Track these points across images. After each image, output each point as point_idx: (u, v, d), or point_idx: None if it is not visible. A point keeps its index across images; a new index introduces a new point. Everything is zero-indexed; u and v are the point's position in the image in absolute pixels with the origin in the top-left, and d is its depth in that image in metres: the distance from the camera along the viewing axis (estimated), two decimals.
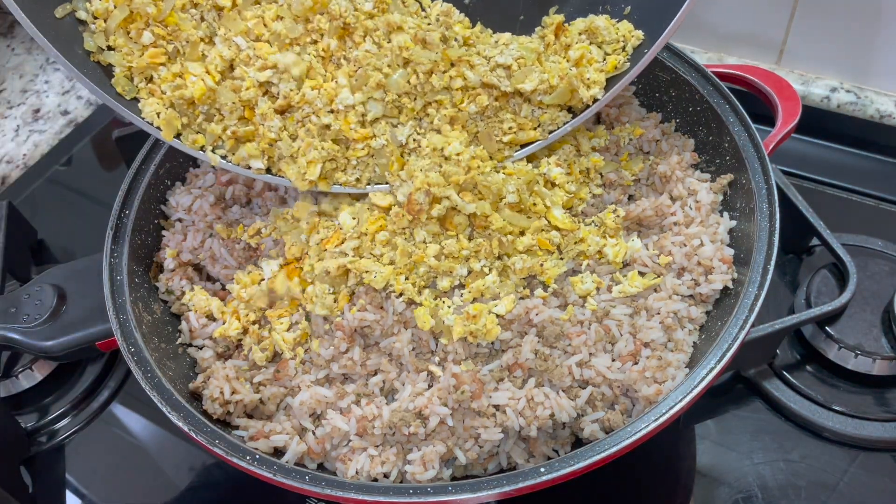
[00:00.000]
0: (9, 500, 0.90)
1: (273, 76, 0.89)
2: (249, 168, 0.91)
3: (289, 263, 0.92)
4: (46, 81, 1.57)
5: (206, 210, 1.00)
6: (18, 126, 1.50)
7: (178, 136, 0.91)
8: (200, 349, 0.94)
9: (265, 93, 0.90)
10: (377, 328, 0.87)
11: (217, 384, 0.87)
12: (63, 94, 1.55)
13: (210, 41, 0.91)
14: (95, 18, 0.89)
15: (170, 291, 0.98)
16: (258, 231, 0.95)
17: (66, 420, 1.07)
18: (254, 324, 0.91)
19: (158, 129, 0.90)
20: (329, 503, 0.83)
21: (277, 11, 0.90)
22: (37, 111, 1.52)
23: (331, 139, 0.90)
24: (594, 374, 0.84)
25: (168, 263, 0.98)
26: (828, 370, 1.00)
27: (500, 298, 0.86)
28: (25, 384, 1.08)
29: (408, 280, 0.86)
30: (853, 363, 0.98)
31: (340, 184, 0.91)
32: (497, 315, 0.85)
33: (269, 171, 0.92)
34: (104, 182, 1.41)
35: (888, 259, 1.05)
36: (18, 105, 1.54)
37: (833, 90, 1.30)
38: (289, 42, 0.90)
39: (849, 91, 1.29)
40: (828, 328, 0.99)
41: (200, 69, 0.89)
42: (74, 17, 0.88)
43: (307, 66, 0.89)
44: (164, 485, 1.01)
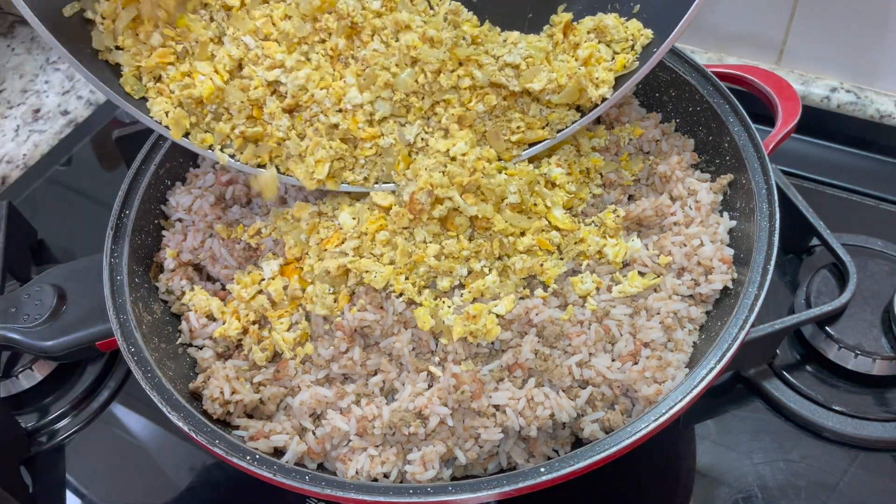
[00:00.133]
0: (9, 500, 0.90)
1: (281, 75, 0.88)
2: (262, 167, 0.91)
3: (289, 263, 0.92)
4: (46, 81, 1.57)
5: (206, 210, 1.00)
6: (18, 126, 1.50)
7: (187, 136, 0.91)
8: (200, 349, 0.94)
9: (273, 92, 0.90)
10: (377, 328, 0.87)
11: (217, 384, 0.87)
12: (63, 94, 1.55)
13: (219, 41, 0.90)
14: (103, 19, 0.89)
15: (170, 291, 0.98)
16: (258, 231, 0.95)
17: (66, 420, 1.07)
18: (254, 324, 0.91)
19: (167, 129, 0.90)
20: (329, 503, 0.83)
21: (286, 10, 0.89)
22: (37, 111, 1.52)
23: (339, 138, 0.90)
24: (594, 374, 0.84)
25: (168, 263, 0.98)
26: (828, 370, 1.00)
27: (500, 298, 0.86)
28: (25, 384, 1.08)
29: (408, 280, 0.86)
30: (853, 363, 0.98)
31: (348, 182, 0.91)
32: (497, 315, 0.85)
33: (277, 171, 0.92)
34: (104, 182, 1.41)
35: (888, 259, 1.05)
36: (18, 105, 1.53)
37: (833, 90, 1.30)
38: (297, 41, 0.89)
39: (849, 91, 1.29)
40: (828, 328, 0.99)
41: (209, 69, 0.89)
42: (82, 16, 0.88)
43: (315, 66, 0.89)
44: (164, 485, 1.01)
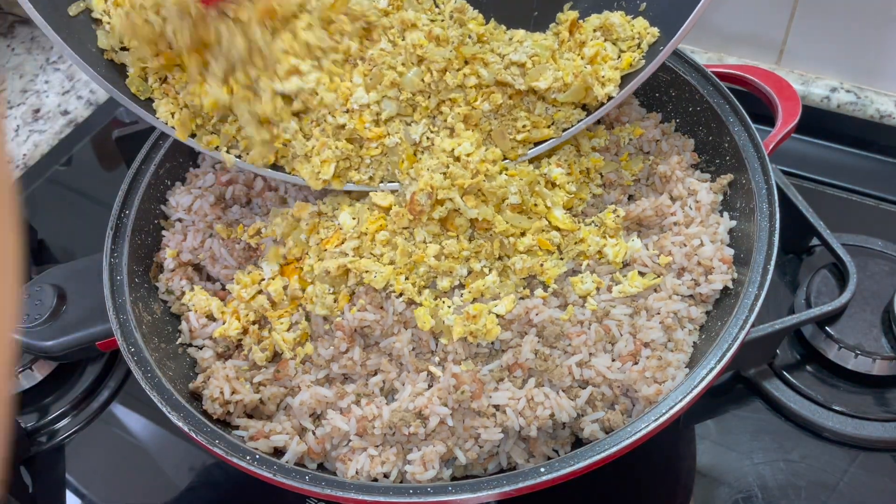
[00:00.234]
0: (9, 500, 0.90)
1: (295, 83, 0.87)
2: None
3: (289, 263, 0.92)
4: (46, 81, 1.57)
5: (206, 210, 1.00)
6: (18, 126, 1.50)
7: (193, 136, 0.91)
8: (200, 349, 0.94)
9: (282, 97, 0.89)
10: (377, 328, 0.87)
11: (217, 384, 0.86)
12: (63, 94, 1.55)
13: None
14: (110, 18, 0.88)
15: (170, 291, 0.98)
16: (258, 231, 0.95)
17: (66, 420, 1.07)
18: (254, 324, 0.91)
19: (173, 129, 0.90)
20: (329, 503, 0.83)
21: (309, 20, 0.87)
22: (37, 111, 1.52)
23: (345, 138, 0.89)
24: (594, 374, 0.84)
25: (168, 263, 0.98)
26: (828, 370, 1.00)
27: (500, 298, 0.86)
28: (25, 384, 1.08)
29: (408, 280, 0.86)
30: (853, 363, 0.98)
31: (354, 182, 0.91)
32: (497, 315, 0.85)
33: (283, 171, 0.92)
34: (104, 182, 1.41)
35: (888, 259, 1.05)
36: (18, 105, 1.53)
37: (833, 90, 1.30)
38: (319, 53, 0.88)
39: (849, 91, 1.29)
40: (828, 328, 0.99)
41: (216, 86, 0.87)
42: (87, 15, 0.88)
43: (327, 71, 0.88)
44: (164, 485, 1.01)
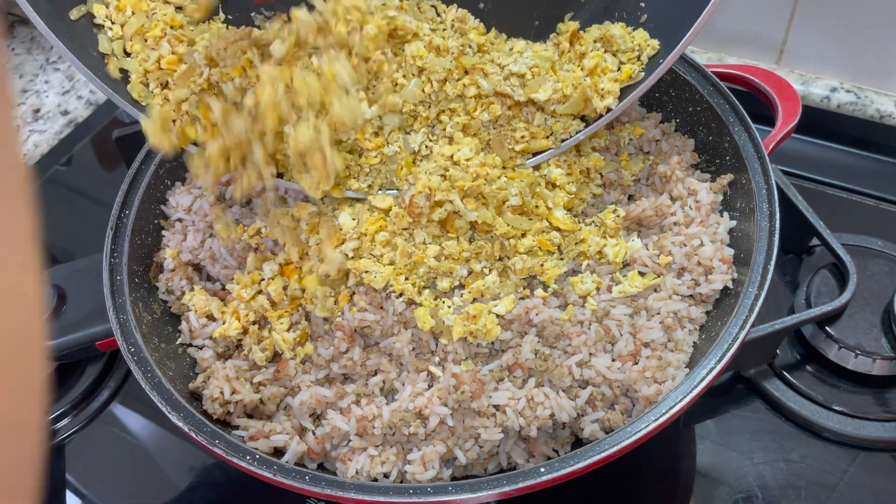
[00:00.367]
0: None
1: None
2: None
3: (289, 263, 0.92)
4: (46, 81, 1.57)
5: (206, 210, 1.00)
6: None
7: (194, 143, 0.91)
8: (200, 349, 0.94)
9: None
10: (377, 328, 0.87)
11: (217, 384, 0.86)
12: (63, 94, 1.55)
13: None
14: (113, 23, 0.89)
15: (170, 291, 0.98)
16: (258, 231, 0.95)
17: (66, 420, 1.07)
18: (254, 324, 0.91)
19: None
20: (329, 503, 0.83)
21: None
22: (37, 111, 1.52)
23: (345, 150, 0.90)
24: (594, 374, 0.84)
25: (168, 263, 0.98)
26: (828, 370, 1.00)
27: (500, 298, 0.86)
28: None
29: (408, 280, 0.86)
30: (853, 363, 0.98)
31: (353, 190, 0.91)
32: (497, 315, 0.85)
33: (282, 177, 0.92)
34: (104, 182, 1.41)
35: (888, 259, 1.05)
36: (18, 105, 1.53)
37: (833, 90, 1.30)
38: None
39: (849, 91, 1.29)
40: (828, 328, 0.99)
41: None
42: (89, 19, 0.88)
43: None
44: (164, 485, 1.01)
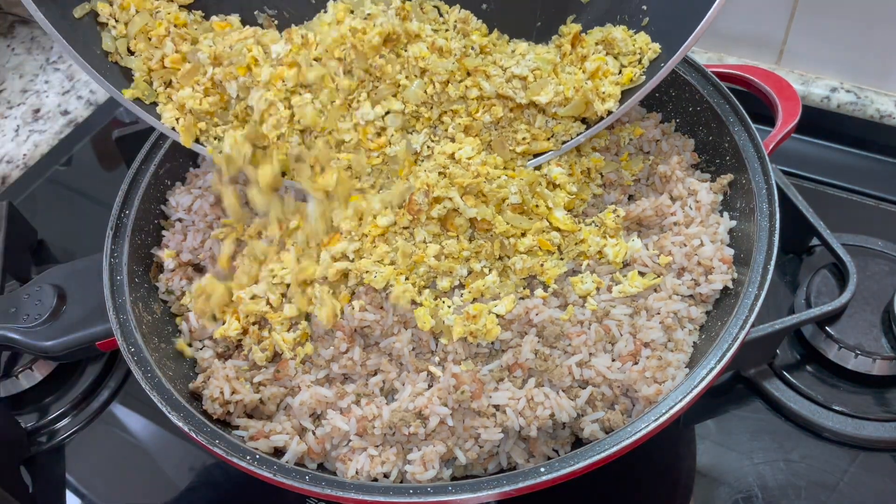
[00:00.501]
0: (9, 500, 0.90)
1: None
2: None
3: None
4: (46, 81, 1.57)
5: (206, 210, 1.00)
6: (18, 126, 1.50)
7: (198, 141, 0.91)
8: (200, 349, 0.94)
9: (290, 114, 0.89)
10: (377, 328, 0.87)
11: (217, 384, 0.86)
12: (63, 94, 1.55)
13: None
14: (117, 21, 0.89)
15: (170, 291, 0.98)
16: (258, 231, 0.95)
17: (66, 420, 1.07)
18: (254, 324, 0.91)
19: (178, 134, 0.90)
20: (329, 503, 0.83)
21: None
22: (37, 111, 1.52)
23: (348, 150, 0.89)
24: (594, 374, 0.84)
25: (168, 263, 0.98)
26: (828, 370, 1.00)
27: (500, 298, 0.86)
28: (25, 384, 1.08)
29: (408, 280, 0.86)
30: (853, 363, 0.98)
31: (355, 190, 0.91)
32: (497, 315, 0.85)
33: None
34: (104, 182, 1.41)
35: (888, 259, 1.05)
36: (18, 105, 1.53)
37: (833, 90, 1.30)
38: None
39: (849, 91, 1.29)
40: (828, 328, 0.99)
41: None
42: (93, 18, 0.88)
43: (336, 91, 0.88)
44: (164, 485, 1.01)
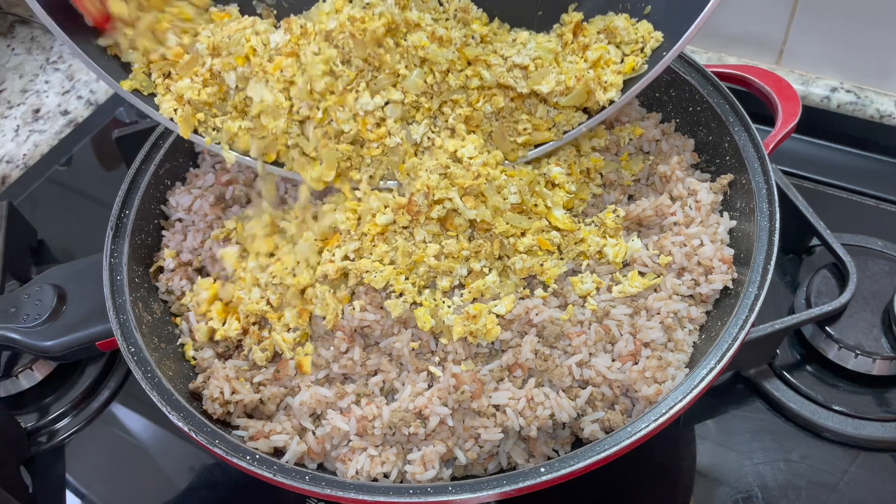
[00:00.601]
0: (9, 500, 0.90)
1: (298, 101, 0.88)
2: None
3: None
4: (46, 81, 1.57)
5: (206, 210, 1.00)
6: (18, 126, 1.50)
7: (196, 132, 0.91)
8: (200, 349, 0.94)
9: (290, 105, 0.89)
10: (377, 328, 0.87)
11: (217, 384, 0.86)
12: (63, 94, 1.55)
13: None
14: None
15: (170, 291, 0.98)
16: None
17: (66, 420, 1.07)
18: (254, 324, 0.91)
19: (176, 125, 0.90)
20: (329, 503, 0.83)
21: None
22: (37, 111, 1.52)
23: (347, 141, 0.89)
24: (594, 374, 0.84)
25: (168, 263, 0.98)
26: (828, 370, 1.00)
27: (500, 298, 0.86)
28: (25, 384, 1.08)
29: (408, 280, 0.86)
30: (853, 363, 0.98)
31: (354, 181, 0.91)
32: (497, 315, 0.85)
33: (283, 167, 0.91)
34: (104, 182, 1.41)
35: (888, 259, 1.05)
36: (18, 105, 1.53)
37: (833, 90, 1.30)
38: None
39: (849, 91, 1.29)
40: (828, 328, 0.99)
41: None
42: None
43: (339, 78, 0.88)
44: (164, 485, 1.01)
